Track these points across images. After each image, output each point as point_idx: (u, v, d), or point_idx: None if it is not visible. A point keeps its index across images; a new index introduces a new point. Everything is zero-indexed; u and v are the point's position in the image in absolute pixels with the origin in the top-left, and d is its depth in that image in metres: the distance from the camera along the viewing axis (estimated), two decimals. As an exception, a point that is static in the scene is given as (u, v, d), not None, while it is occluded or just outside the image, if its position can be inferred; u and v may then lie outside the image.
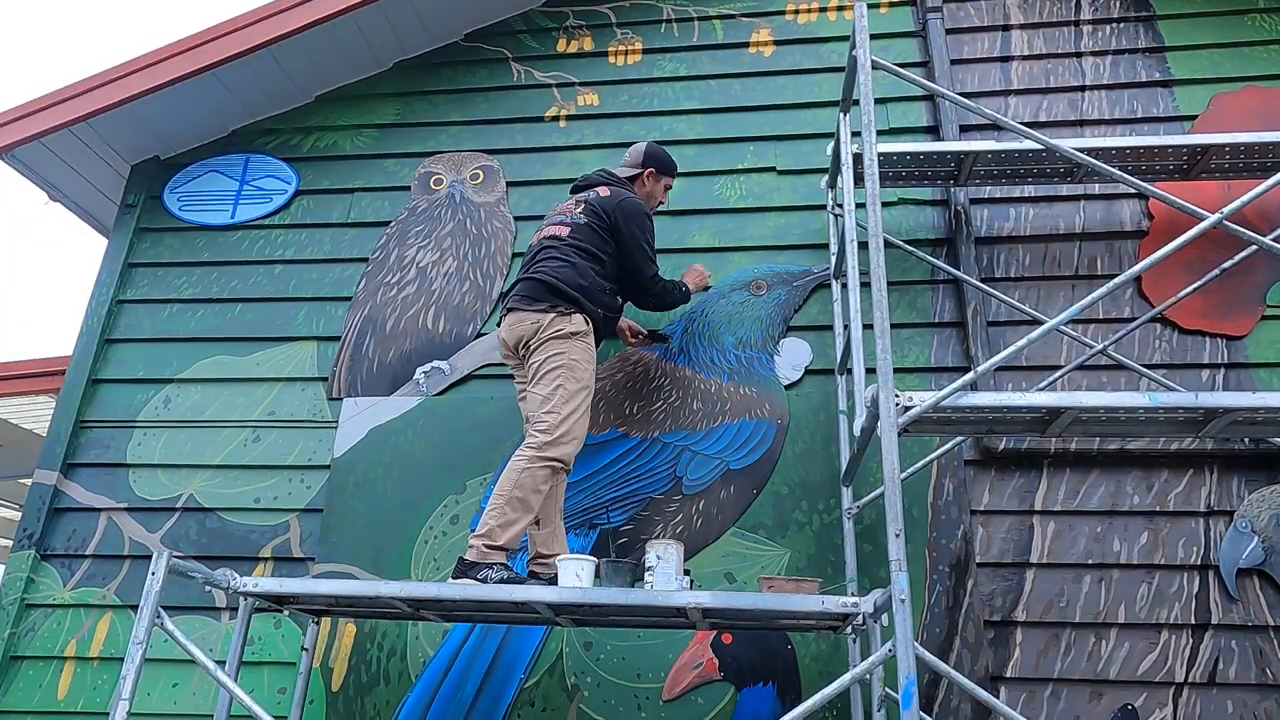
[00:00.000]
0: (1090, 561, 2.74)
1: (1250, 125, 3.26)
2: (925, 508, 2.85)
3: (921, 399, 2.10)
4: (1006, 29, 3.61)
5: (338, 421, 3.23)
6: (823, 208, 3.35)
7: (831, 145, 3.13)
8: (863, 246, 2.92)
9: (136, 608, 2.65)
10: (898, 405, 2.08)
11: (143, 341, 3.50)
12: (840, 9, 3.74)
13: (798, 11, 3.77)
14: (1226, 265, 2.93)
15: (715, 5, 3.84)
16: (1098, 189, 3.26)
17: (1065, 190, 3.27)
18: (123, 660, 2.42)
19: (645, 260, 2.75)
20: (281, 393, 3.33)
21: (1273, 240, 2.45)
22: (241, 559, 3.05)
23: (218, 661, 2.46)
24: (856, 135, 2.81)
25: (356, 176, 3.73)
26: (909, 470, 2.74)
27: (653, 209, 2.96)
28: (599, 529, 2.94)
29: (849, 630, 2.49)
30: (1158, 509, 2.79)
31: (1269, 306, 3.02)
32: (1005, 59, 3.55)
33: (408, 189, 3.68)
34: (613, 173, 2.96)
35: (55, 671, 2.96)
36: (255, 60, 3.66)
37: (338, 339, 3.40)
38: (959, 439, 2.84)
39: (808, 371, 3.10)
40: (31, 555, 3.12)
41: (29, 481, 3.34)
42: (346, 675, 2.83)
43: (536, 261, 2.70)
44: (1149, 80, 3.44)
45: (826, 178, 3.33)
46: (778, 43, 3.72)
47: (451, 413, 3.18)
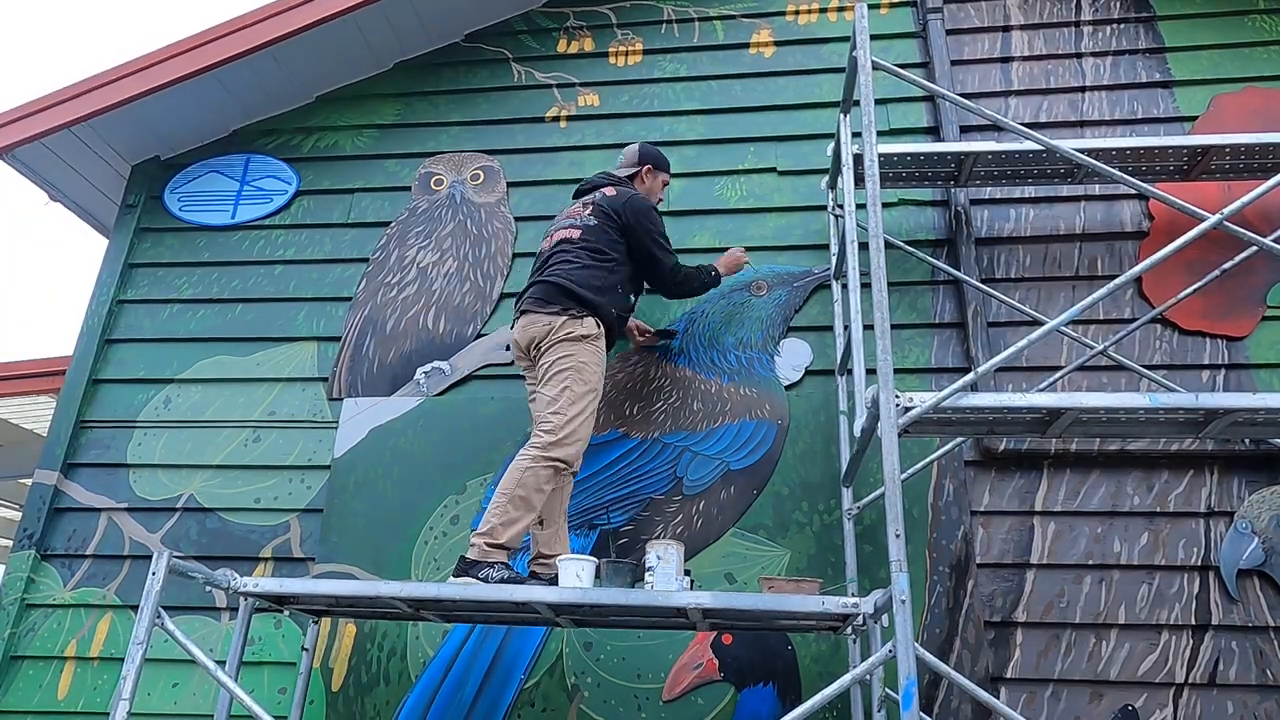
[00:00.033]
0: (1090, 562, 2.74)
1: (1250, 126, 3.26)
2: (925, 508, 2.85)
3: (922, 400, 2.10)
4: (1007, 30, 3.61)
5: (338, 422, 3.23)
6: (823, 208, 3.35)
7: (832, 146, 3.13)
8: (863, 247, 2.92)
9: (137, 608, 2.65)
10: (898, 406, 2.08)
11: (143, 341, 3.51)
12: (841, 10, 3.75)
13: (798, 12, 3.77)
14: (1227, 266, 2.93)
15: (716, 6, 3.84)
16: (1098, 190, 3.26)
17: (1065, 191, 3.27)
18: (123, 660, 2.41)
19: (662, 252, 2.79)
20: (282, 393, 3.33)
21: (1273, 241, 2.45)
22: (242, 559, 3.05)
23: (218, 661, 2.46)
24: (857, 136, 2.81)
25: (357, 177, 3.73)
26: (909, 471, 2.74)
27: (653, 203, 2.98)
28: (599, 529, 2.94)
29: (849, 631, 2.49)
30: (1158, 510, 2.79)
31: (1269, 307, 3.02)
32: (1005, 60, 3.55)
33: (408, 189, 3.68)
34: (613, 174, 2.98)
35: (55, 671, 2.96)
36: (256, 60, 3.66)
37: (338, 339, 3.40)
38: (959, 440, 2.84)
39: (808, 372, 3.10)
40: (32, 555, 3.12)
41: (29, 481, 3.34)
42: (346, 675, 2.83)
43: (549, 265, 2.71)
44: (1149, 81, 3.44)
45: (827, 178, 3.33)
46: (778, 43, 3.72)
47: (452, 413, 3.18)
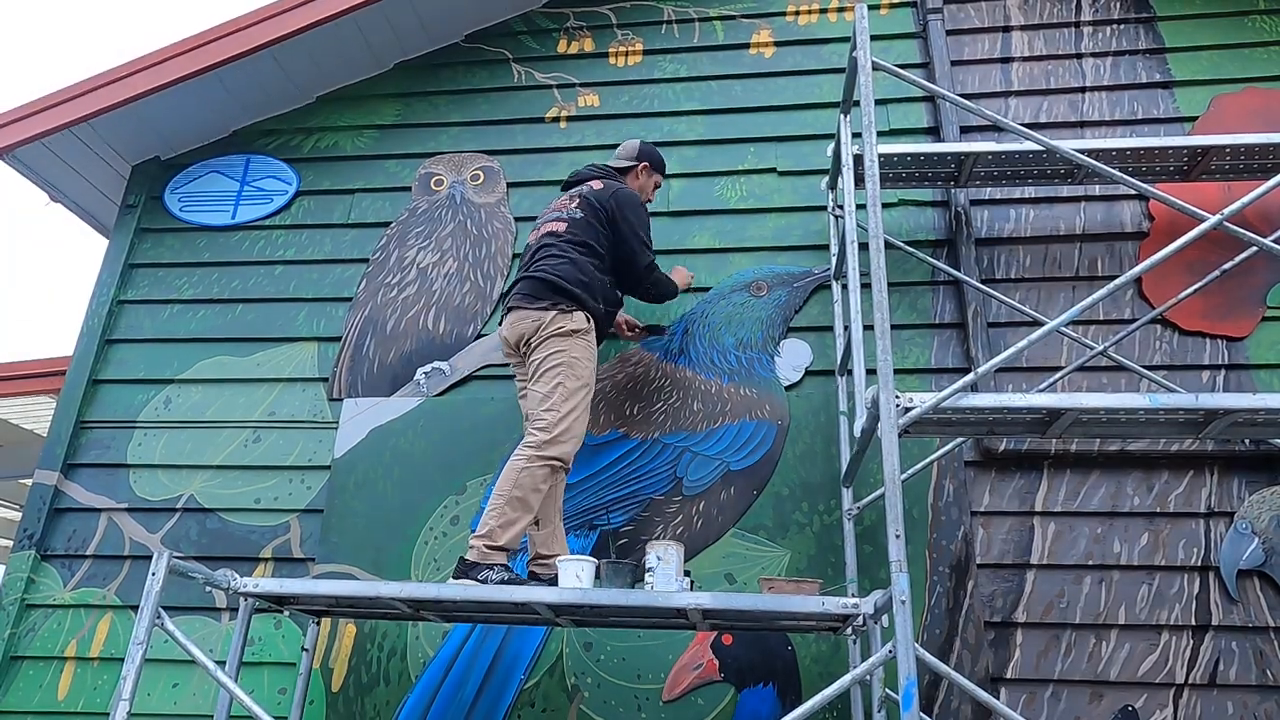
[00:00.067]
0: (1090, 563, 2.74)
1: (1251, 126, 3.26)
2: (925, 509, 2.85)
3: (922, 400, 2.10)
4: (1007, 30, 3.61)
5: (338, 422, 3.23)
6: (823, 209, 3.35)
7: (832, 146, 3.13)
8: (863, 248, 2.92)
9: (137, 608, 2.65)
10: (898, 406, 2.08)
11: (143, 342, 3.51)
12: (841, 10, 3.75)
13: (798, 13, 3.77)
14: (1227, 266, 2.93)
15: (716, 6, 3.84)
16: (1098, 190, 3.26)
17: (1065, 191, 3.27)
18: (123, 660, 2.41)
19: (641, 248, 2.76)
20: (282, 393, 3.33)
21: (1273, 242, 2.45)
22: (242, 559, 3.05)
23: (218, 662, 2.46)
24: (857, 136, 2.81)
25: (357, 177, 3.73)
26: (909, 471, 2.74)
27: (643, 201, 2.98)
28: (599, 530, 2.94)
29: (849, 631, 2.49)
30: (1158, 510, 2.79)
31: (1269, 308, 3.02)
32: (1006, 60, 3.55)
33: (408, 190, 3.68)
34: (604, 165, 2.99)
35: (55, 672, 2.96)
36: (256, 61, 3.66)
37: (338, 339, 3.40)
38: (959, 440, 2.84)
39: (808, 372, 3.10)
40: (32, 555, 3.12)
41: (29, 482, 3.34)
42: (346, 676, 2.83)
43: (536, 260, 2.70)
44: (1149, 81, 3.44)
45: (827, 179, 3.33)
46: (778, 44, 3.72)
47: (452, 413, 3.18)
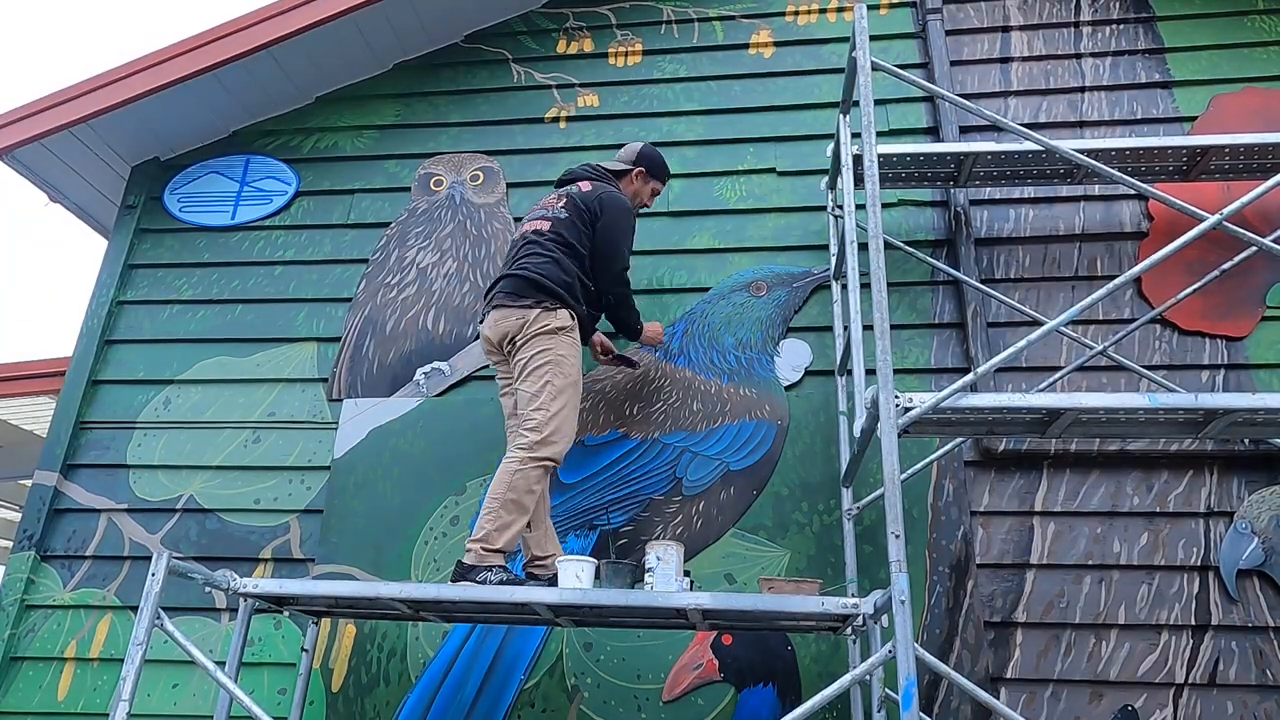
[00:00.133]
0: (1090, 562, 2.74)
1: (1250, 126, 3.26)
2: (925, 509, 2.85)
3: (921, 400, 2.10)
4: (1006, 30, 3.61)
5: (338, 422, 3.23)
6: (823, 209, 3.35)
7: (831, 146, 3.13)
8: (863, 248, 2.93)
9: (136, 609, 2.65)
10: (898, 406, 2.08)
11: (143, 342, 3.51)
12: (840, 10, 3.75)
13: (798, 13, 3.77)
14: (1226, 266, 2.93)
15: (715, 6, 3.85)
16: (1097, 190, 3.26)
17: (1065, 191, 3.27)
18: (123, 661, 2.41)
19: (617, 255, 2.73)
20: (282, 394, 3.33)
21: (1272, 241, 2.45)
22: (241, 560, 3.05)
23: (218, 662, 2.46)
24: (856, 136, 2.81)
25: (357, 178, 3.73)
26: (909, 471, 2.74)
27: (638, 206, 2.98)
28: (599, 530, 2.94)
29: (849, 631, 2.49)
30: (1158, 510, 2.79)
31: (1269, 308, 3.02)
32: (1005, 60, 3.55)
33: (408, 190, 3.68)
34: (599, 166, 2.96)
35: (55, 672, 2.96)
36: (256, 61, 3.66)
37: (338, 340, 3.40)
38: (959, 440, 2.84)
39: (808, 372, 3.10)
40: (31, 556, 3.12)
41: (29, 482, 3.34)
42: (346, 676, 2.83)
43: (519, 257, 2.70)
44: (1149, 81, 3.44)
45: (826, 179, 3.33)
46: (778, 44, 3.72)
47: (451, 414, 3.18)
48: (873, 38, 3.51)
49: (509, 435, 2.69)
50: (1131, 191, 2.80)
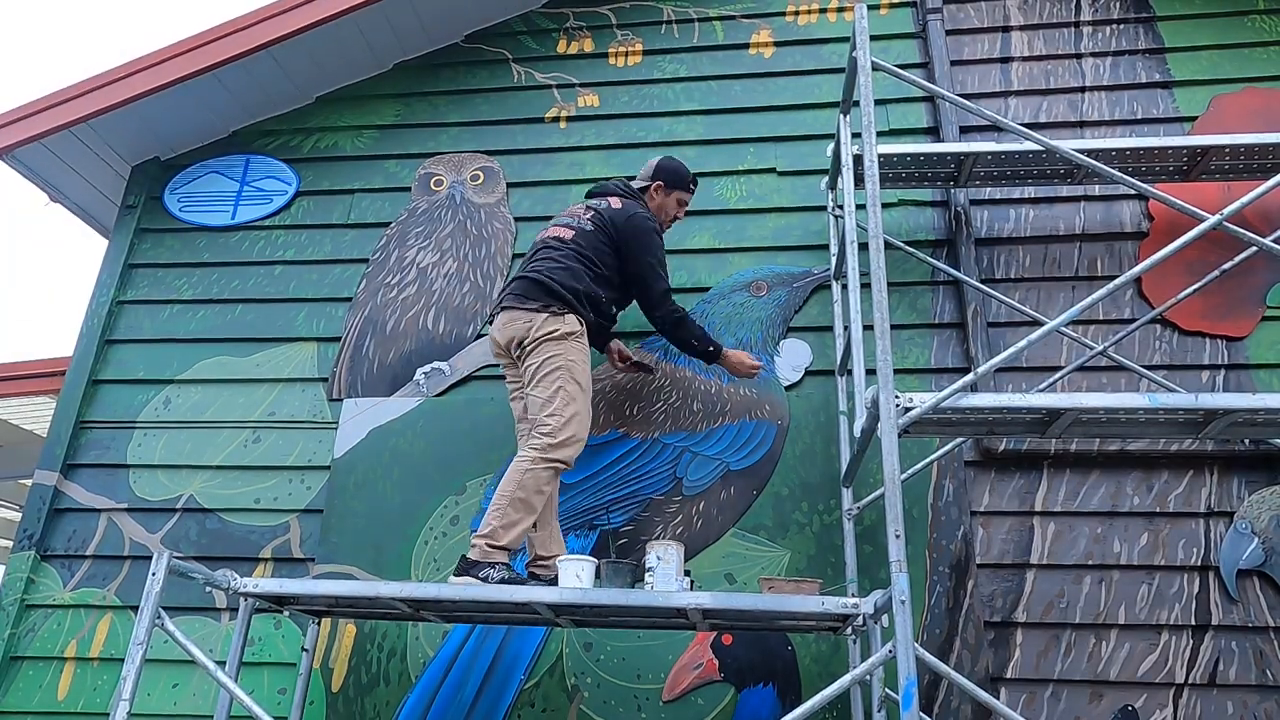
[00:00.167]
0: (1090, 562, 2.74)
1: (1250, 126, 3.26)
2: (925, 509, 2.85)
3: (922, 400, 2.10)
4: (1006, 30, 3.61)
5: (338, 422, 3.23)
6: (823, 209, 3.35)
7: (831, 146, 3.13)
8: (863, 248, 2.92)
9: (137, 608, 2.65)
10: (898, 406, 2.08)
11: (143, 342, 3.51)
12: (840, 10, 3.75)
13: (798, 13, 3.77)
14: (1226, 266, 2.93)
15: (715, 6, 3.85)
16: (1098, 190, 3.26)
17: (1065, 191, 3.27)
18: (123, 661, 2.42)
19: (654, 276, 2.71)
20: (282, 393, 3.33)
21: (1273, 241, 2.45)
22: (242, 559, 3.05)
23: (218, 662, 2.46)
24: (856, 136, 2.81)
25: (357, 177, 3.73)
26: (909, 471, 2.74)
27: (665, 224, 2.94)
28: (599, 530, 2.94)
29: (849, 631, 2.49)
30: (1158, 510, 2.79)
31: (1269, 308, 3.02)
32: (1005, 60, 3.55)
33: (408, 190, 3.68)
34: (628, 184, 2.95)
35: (55, 672, 2.96)
36: (256, 61, 3.66)
37: (338, 340, 3.40)
38: (959, 440, 2.84)
39: (808, 372, 3.10)
40: (32, 556, 3.12)
41: (29, 482, 3.34)
42: (346, 676, 2.83)
43: (533, 260, 2.71)
44: (1149, 81, 3.44)
45: (827, 179, 3.33)
46: (778, 44, 3.72)
47: (452, 414, 3.18)
48: (873, 38, 3.51)
49: (519, 439, 2.69)
50: (1132, 191, 2.80)
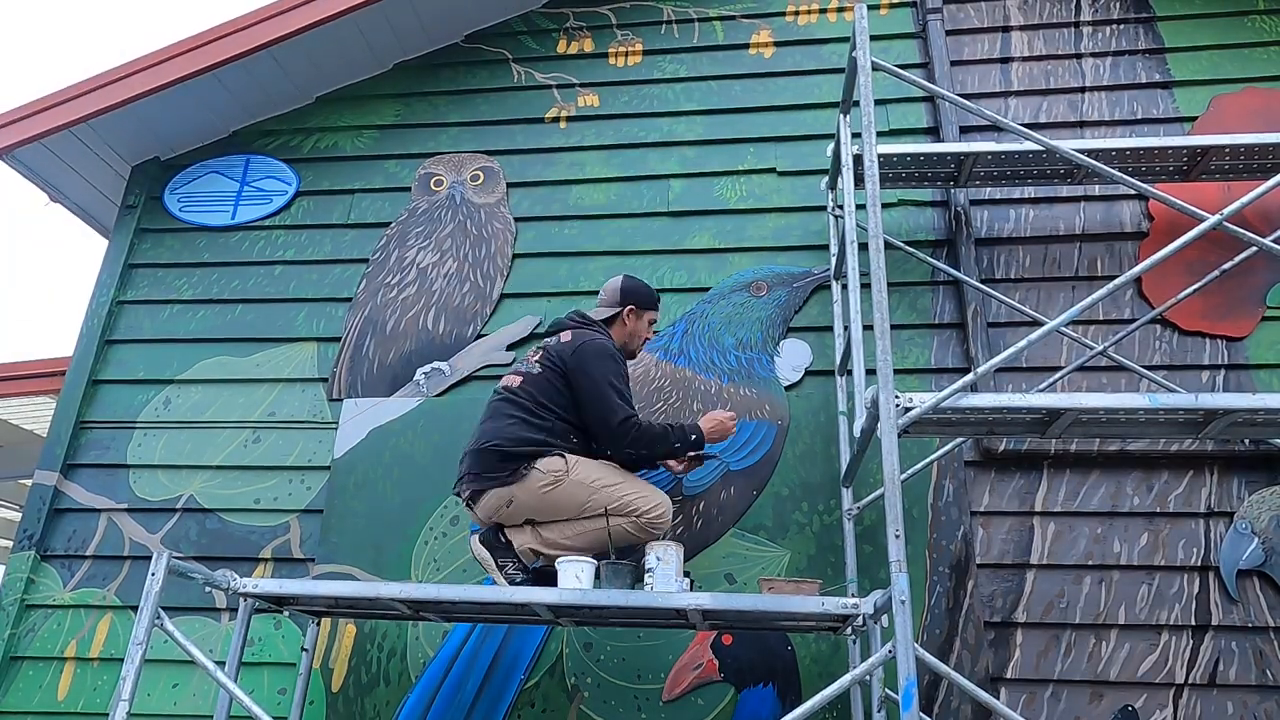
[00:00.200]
0: (1090, 563, 2.74)
1: (1250, 126, 3.26)
2: (925, 509, 2.85)
3: (921, 400, 2.10)
4: (1006, 30, 3.61)
5: (338, 422, 3.23)
6: (823, 209, 3.35)
7: (831, 146, 3.13)
8: (863, 248, 2.92)
9: (136, 608, 2.65)
10: (898, 406, 2.08)
11: (143, 342, 3.51)
12: (840, 10, 3.75)
13: (798, 13, 3.77)
14: (1227, 266, 2.93)
15: (715, 6, 3.85)
16: (1098, 190, 3.26)
17: (1065, 191, 3.27)
18: (123, 661, 2.42)
19: (609, 404, 2.41)
20: (282, 393, 3.33)
21: (1272, 242, 2.45)
22: (241, 560, 3.05)
23: (218, 662, 2.46)
24: (857, 136, 2.81)
25: (357, 177, 3.73)
26: (909, 471, 2.74)
27: (638, 347, 2.74)
28: (599, 530, 2.93)
29: (849, 631, 2.49)
30: (1158, 510, 2.79)
31: (1269, 308, 3.02)
32: (1005, 60, 3.55)
33: (408, 190, 3.68)
34: (585, 315, 2.69)
35: (55, 672, 2.96)
36: (256, 61, 3.66)
37: (338, 340, 3.40)
38: (959, 440, 2.84)
39: (808, 372, 3.10)
40: (31, 556, 3.12)
41: (29, 482, 3.34)
42: (346, 676, 2.83)
43: (486, 421, 2.51)
44: (1149, 81, 3.44)
45: (827, 179, 3.33)
46: (778, 44, 3.72)
47: (452, 414, 3.18)
48: (873, 38, 3.51)
49: None
50: (1132, 191, 2.80)
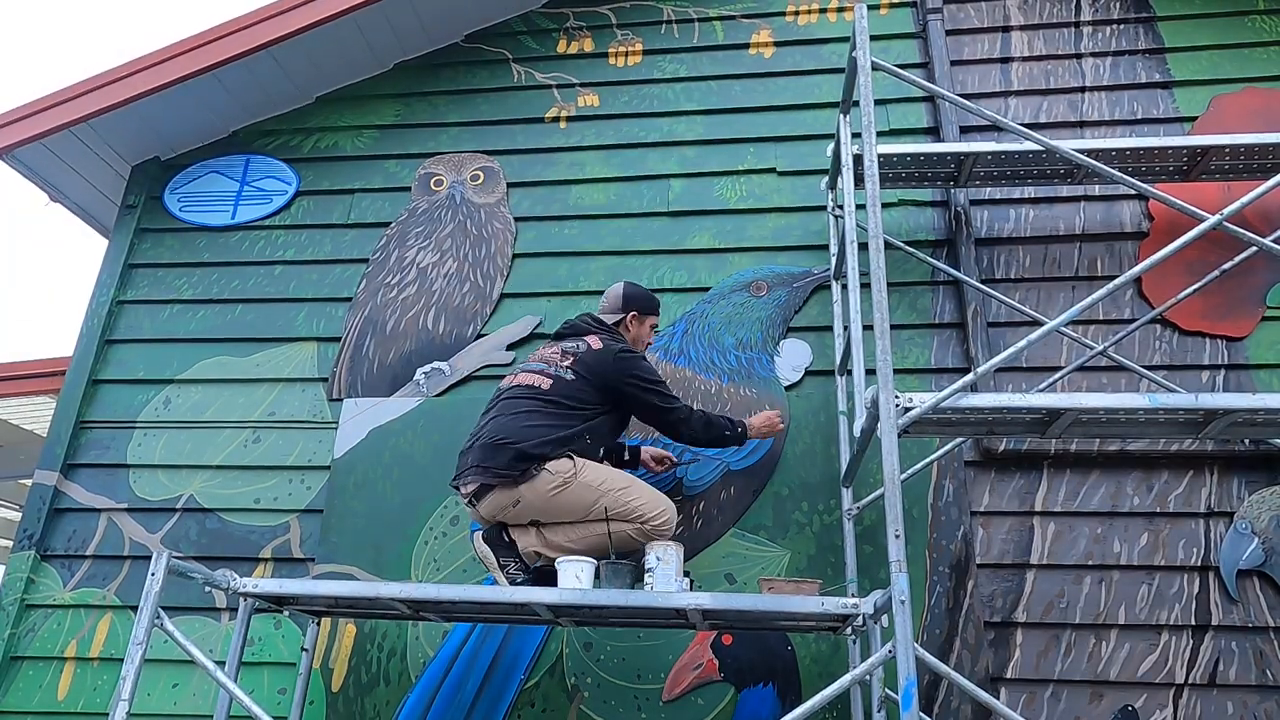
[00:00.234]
0: (1090, 563, 2.74)
1: (1250, 126, 3.26)
2: (925, 509, 2.85)
3: (921, 400, 2.10)
4: (1006, 30, 3.61)
5: (338, 422, 3.23)
6: (823, 209, 3.35)
7: (831, 146, 3.13)
8: (863, 248, 2.92)
9: (136, 608, 2.65)
10: (898, 406, 2.08)
11: (143, 342, 3.51)
12: (840, 10, 3.75)
13: (798, 13, 3.77)
14: (1226, 266, 2.93)
15: (715, 6, 3.85)
16: (1098, 190, 3.26)
17: (1065, 191, 3.27)
18: (123, 661, 2.42)
19: (661, 401, 2.55)
20: (282, 393, 3.33)
21: (1272, 241, 2.45)
22: (241, 559, 3.05)
23: (218, 662, 2.46)
24: (856, 136, 2.81)
25: (357, 177, 3.73)
26: (909, 471, 2.74)
27: (640, 351, 2.77)
28: (599, 530, 2.93)
29: (849, 631, 2.49)
30: (1158, 510, 2.79)
31: (1269, 308, 3.02)
32: (1005, 60, 3.55)
33: (408, 190, 3.68)
34: (600, 319, 2.73)
35: (55, 672, 2.96)
36: (256, 61, 3.66)
37: (338, 340, 3.40)
38: (959, 440, 2.84)
39: (808, 372, 3.10)
40: (32, 556, 3.12)
41: (29, 482, 3.34)
42: (346, 676, 2.83)
43: (500, 415, 2.48)
44: (1149, 81, 3.44)
45: (827, 179, 3.33)
46: (778, 44, 3.72)
47: (451, 414, 3.18)
48: (873, 38, 3.51)
49: None
50: (1132, 191, 2.80)
